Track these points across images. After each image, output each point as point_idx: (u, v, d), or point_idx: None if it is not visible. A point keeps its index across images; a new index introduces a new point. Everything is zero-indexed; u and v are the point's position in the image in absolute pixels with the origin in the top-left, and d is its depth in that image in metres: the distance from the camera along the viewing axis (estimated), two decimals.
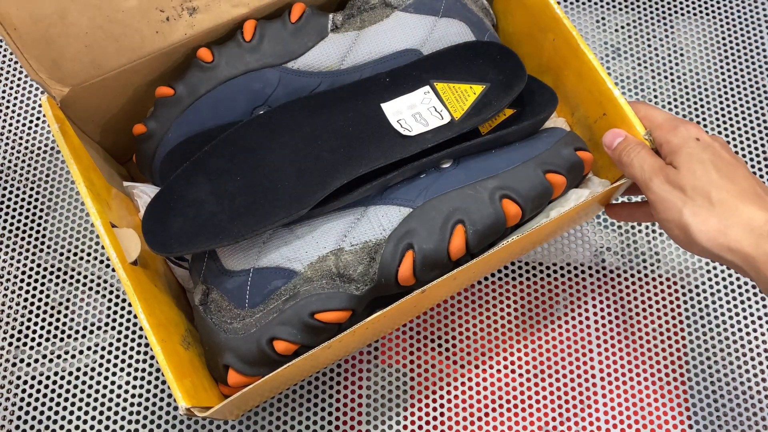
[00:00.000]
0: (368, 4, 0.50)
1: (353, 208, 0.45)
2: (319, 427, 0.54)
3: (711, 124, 0.63)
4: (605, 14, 0.67)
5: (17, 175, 0.60)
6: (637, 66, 0.65)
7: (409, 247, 0.43)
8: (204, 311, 0.45)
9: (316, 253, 0.44)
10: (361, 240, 0.44)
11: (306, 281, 0.43)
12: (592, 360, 0.55)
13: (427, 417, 0.54)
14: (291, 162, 0.45)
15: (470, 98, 0.47)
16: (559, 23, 0.48)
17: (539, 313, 0.57)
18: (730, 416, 0.54)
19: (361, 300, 0.44)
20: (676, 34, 0.66)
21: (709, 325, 0.56)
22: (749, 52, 0.66)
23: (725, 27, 0.66)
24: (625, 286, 0.58)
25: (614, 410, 0.54)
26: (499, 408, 0.54)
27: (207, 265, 0.45)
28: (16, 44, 0.43)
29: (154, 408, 0.54)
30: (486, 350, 0.56)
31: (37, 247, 0.58)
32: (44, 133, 0.62)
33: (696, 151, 0.40)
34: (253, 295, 0.43)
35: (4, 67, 0.64)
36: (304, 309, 0.42)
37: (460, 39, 0.50)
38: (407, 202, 0.44)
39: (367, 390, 0.55)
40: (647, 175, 0.41)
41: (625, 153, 0.43)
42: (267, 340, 0.42)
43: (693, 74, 0.65)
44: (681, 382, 0.55)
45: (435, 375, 0.55)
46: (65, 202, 0.60)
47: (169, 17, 0.46)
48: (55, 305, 0.57)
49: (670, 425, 0.53)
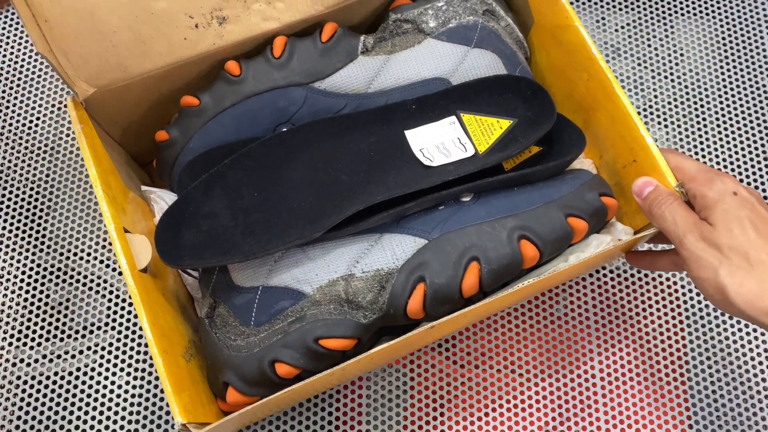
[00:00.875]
0: (401, 29, 0.49)
1: (367, 234, 0.44)
2: (319, 427, 0.53)
3: (711, 124, 0.62)
4: (605, 14, 0.66)
5: (17, 175, 0.61)
6: (637, 66, 0.64)
7: (421, 280, 0.42)
8: (209, 325, 0.44)
9: (327, 276, 0.43)
10: (372, 267, 0.43)
11: (314, 304, 0.43)
12: (592, 360, 0.55)
13: (427, 417, 0.54)
14: (310, 182, 0.44)
15: (496, 132, 0.46)
16: (595, 63, 0.47)
17: (539, 313, 0.56)
18: (730, 416, 0.53)
19: (367, 329, 0.43)
20: (676, 34, 0.66)
21: (709, 325, 0.56)
22: (749, 52, 0.65)
23: (725, 27, 0.66)
24: (625, 286, 0.57)
25: (614, 410, 0.54)
26: (499, 408, 0.54)
27: (217, 278, 0.45)
28: (46, 37, 0.43)
29: (154, 408, 0.53)
30: (486, 350, 0.55)
31: (37, 247, 0.58)
32: (44, 133, 0.62)
33: (733, 207, 0.39)
34: (260, 314, 0.43)
35: (3, 68, 0.64)
36: (309, 334, 0.41)
37: (491, 71, 0.49)
38: (423, 233, 0.43)
39: (367, 390, 0.54)
40: (681, 230, 0.40)
41: (656, 204, 0.42)
42: (269, 362, 0.42)
43: (693, 74, 0.64)
44: (681, 382, 0.54)
45: (435, 375, 0.55)
46: (65, 202, 0.60)
47: (198, 24, 0.46)
48: (55, 305, 0.56)
49: (670, 425, 0.53)
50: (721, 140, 0.62)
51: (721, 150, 0.62)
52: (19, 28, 0.66)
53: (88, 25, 0.43)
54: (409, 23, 0.49)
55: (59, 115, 0.63)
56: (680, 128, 0.62)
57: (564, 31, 0.48)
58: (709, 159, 0.61)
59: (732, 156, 0.61)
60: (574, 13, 0.47)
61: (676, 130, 0.62)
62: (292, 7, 0.47)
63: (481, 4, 0.50)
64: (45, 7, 0.42)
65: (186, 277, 0.51)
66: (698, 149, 0.62)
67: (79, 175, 0.61)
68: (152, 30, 0.45)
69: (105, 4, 0.43)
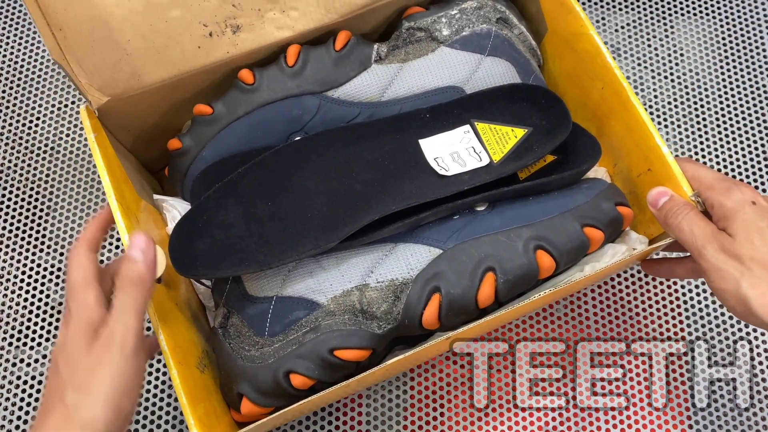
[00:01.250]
0: (414, 37, 0.49)
1: (382, 244, 0.44)
2: (319, 428, 0.53)
3: (711, 124, 0.62)
4: (605, 14, 0.67)
5: (17, 175, 0.61)
6: (637, 66, 0.65)
7: (436, 290, 0.42)
8: (223, 335, 0.44)
9: (341, 286, 0.43)
10: (387, 277, 0.43)
11: (328, 314, 0.42)
12: (592, 360, 0.55)
13: (427, 417, 0.54)
14: (324, 192, 0.44)
15: (511, 141, 0.46)
16: (609, 72, 0.46)
17: (540, 312, 0.57)
18: (730, 416, 0.53)
19: (382, 339, 0.43)
20: (676, 34, 0.66)
21: (709, 325, 0.56)
22: (749, 52, 0.65)
23: (725, 27, 0.66)
24: (625, 286, 0.57)
25: (614, 410, 0.54)
26: (499, 408, 0.54)
27: (230, 288, 0.45)
28: (60, 45, 0.43)
29: (154, 407, 0.53)
30: (486, 350, 0.55)
31: (37, 247, 0.58)
32: (44, 133, 0.62)
33: (753, 217, 0.39)
34: (274, 324, 0.43)
35: (3, 67, 0.64)
36: (324, 344, 0.41)
37: (505, 79, 0.49)
38: (438, 242, 0.43)
39: (366, 390, 0.54)
40: (700, 242, 0.40)
41: (672, 214, 0.41)
42: (284, 373, 0.41)
43: (693, 74, 0.64)
44: (681, 382, 0.54)
45: (435, 375, 0.55)
46: (65, 202, 0.60)
47: (212, 33, 0.46)
48: (55, 305, 0.56)
49: (670, 425, 0.53)
50: (721, 140, 0.62)
51: (721, 150, 0.62)
52: (19, 28, 0.66)
53: (103, 33, 0.43)
54: (422, 31, 0.49)
55: (59, 115, 0.63)
56: (680, 128, 0.62)
57: (578, 38, 0.48)
58: (709, 159, 0.61)
59: (732, 156, 0.61)
60: (588, 21, 0.47)
61: (676, 130, 0.62)
62: (306, 15, 0.47)
63: (494, 12, 0.50)
64: (60, 15, 0.42)
65: (198, 286, 0.51)
66: (698, 149, 0.62)
67: (79, 175, 0.61)
68: (166, 38, 0.45)
69: (119, 13, 0.43)
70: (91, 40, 0.43)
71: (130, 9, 0.43)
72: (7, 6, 0.67)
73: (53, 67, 0.65)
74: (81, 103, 0.62)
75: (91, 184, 0.61)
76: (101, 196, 0.60)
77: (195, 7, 0.44)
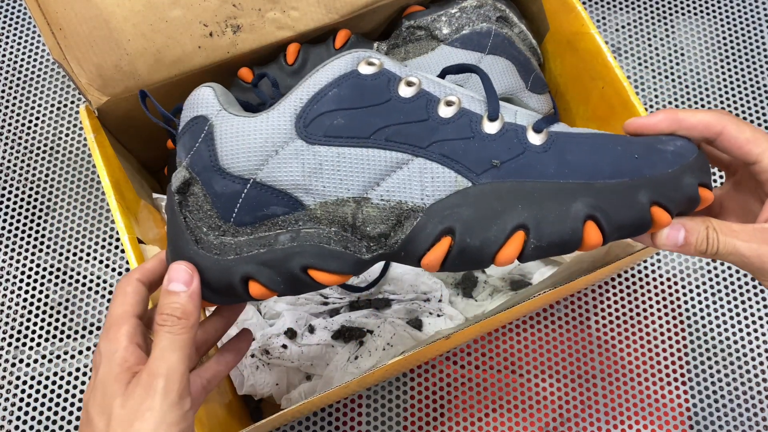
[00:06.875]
0: (414, 36, 0.49)
1: (396, 149, 0.34)
2: (319, 428, 0.53)
3: None
4: (605, 14, 0.67)
5: (17, 175, 0.61)
6: (638, 66, 0.65)
7: (449, 233, 0.33)
8: (179, 203, 0.36)
9: (336, 193, 0.34)
10: (394, 198, 0.34)
11: (312, 220, 0.35)
12: (592, 360, 0.55)
13: (427, 417, 0.54)
14: None
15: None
16: (610, 71, 0.46)
17: (540, 313, 0.57)
18: (730, 416, 0.54)
19: (366, 265, 0.35)
20: (676, 33, 0.66)
21: (709, 325, 0.56)
22: (749, 51, 0.65)
23: (725, 26, 0.66)
24: (626, 286, 0.58)
25: (615, 410, 0.54)
26: (499, 408, 0.54)
27: (198, 149, 0.35)
28: (60, 45, 0.43)
29: None
30: (486, 350, 0.56)
31: (37, 247, 0.58)
32: (44, 133, 0.62)
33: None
34: (243, 212, 0.35)
35: (3, 66, 0.64)
36: (299, 258, 0.34)
37: (505, 77, 0.49)
38: (470, 172, 0.34)
39: (366, 390, 0.54)
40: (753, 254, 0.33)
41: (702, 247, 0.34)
42: (242, 277, 0.34)
43: (693, 74, 0.65)
44: (681, 382, 0.55)
45: (435, 375, 0.55)
46: (65, 202, 0.60)
47: (213, 32, 0.46)
48: (55, 305, 0.56)
49: (670, 425, 0.53)
50: None
51: None
52: (19, 28, 0.66)
53: (103, 33, 0.43)
54: (422, 30, 0.49)
55: (59, 115, 0.63)
56: None
57: (580, 38, 0.48)
58: None
59: None
60: (590, 20, 0.47)
61: None
62: (307, 15, 0.47)
63: (494, 10, 0.50)
64: (60, 14, 0.42)
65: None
66: None
67: (78, 175, 0.61)
68: (166, 38, 0.44)
69: (120, 13, 0.43)
70: (92, 39, 0.43)
71: (130, 9, 0.43)
72: (7, 5, 0.67)
73: (53, 66, 0.65)
74: (81, 102, 0.62)
75: (90, 183, 0.61)
76: (101, 196, 0.60)
77: (195, 7, 0.44)
